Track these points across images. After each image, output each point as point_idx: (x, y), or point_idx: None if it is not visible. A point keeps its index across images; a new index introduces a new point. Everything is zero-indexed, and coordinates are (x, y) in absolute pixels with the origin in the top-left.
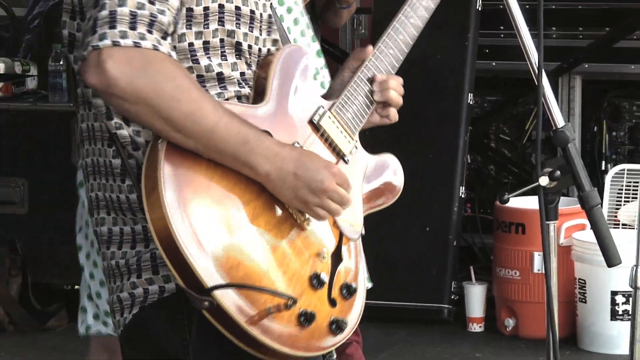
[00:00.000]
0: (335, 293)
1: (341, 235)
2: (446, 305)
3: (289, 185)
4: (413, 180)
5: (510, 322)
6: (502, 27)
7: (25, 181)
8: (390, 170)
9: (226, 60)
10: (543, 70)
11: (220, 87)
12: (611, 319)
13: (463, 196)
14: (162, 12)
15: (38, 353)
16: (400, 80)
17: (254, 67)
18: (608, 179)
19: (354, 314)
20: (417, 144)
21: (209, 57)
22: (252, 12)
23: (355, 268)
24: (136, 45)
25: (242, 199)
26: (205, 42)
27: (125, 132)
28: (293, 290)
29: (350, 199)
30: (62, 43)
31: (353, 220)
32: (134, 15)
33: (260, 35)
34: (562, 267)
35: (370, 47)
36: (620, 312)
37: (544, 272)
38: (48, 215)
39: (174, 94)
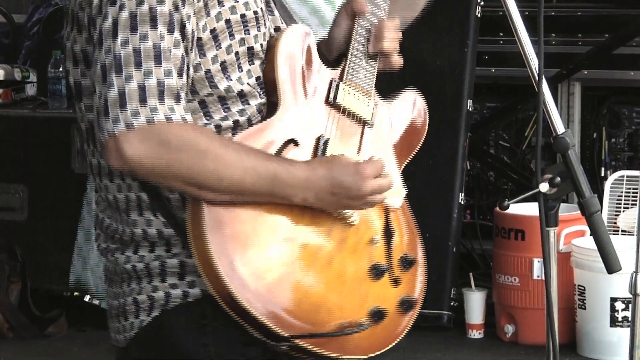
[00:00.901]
0: (396, 271)
1: (386, 209)
2: (446, 312)
3: (329, 202)
4: (412, 186)
5: (509, 329)
6: (501, 34)
7: (24, 187)
8: (409, 109)
9: (242, 70)
10: (543, 77)
11: (242, 104)
12: (611, 326)
13: (462, 203)
14: (169, 74)
15: (38, 359)
16: (394, 23)
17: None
18: (607, 185)
19: (418, 286)
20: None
21: (228, 77)
22: (255, 12)
23: (409, 233)
24: (149, 121)
25: (289, 226)
26: (222, 62)
27: None
28: (359, 295)
29: (391, 182)
30: (69, 92)
31: (392, 190)
32: (142, 89)
33: (265, 28)
34: (561, 274)
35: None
36: (619, 319)
37: (543, 278)
38: (48, 221)
39: (195, 161)
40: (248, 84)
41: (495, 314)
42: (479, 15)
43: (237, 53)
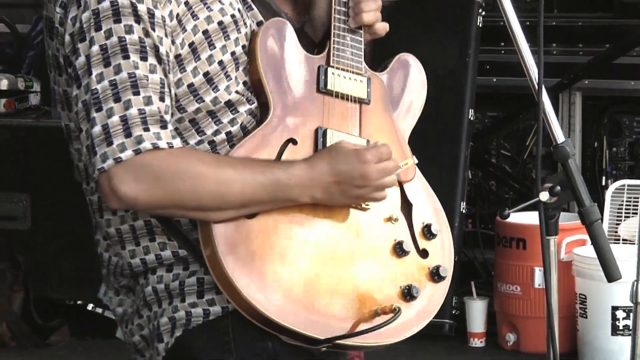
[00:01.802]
0: (422, 242)
1: (400, 182)
2: (447, 321)
3: (337, 193)
4: None
5: (511, 337)
6: (502, 44)
7: (27, 196)
8: (404, 73)
9: (231, 79)
10: (543, 86)
11: (232, 113)
12: (612, 334)
13: (464, 211)
14: (148, 101)
15: None
16: (372, 1)
17: None
18: (608, 194)
19: (447, 252)
20: (418, 159)
21: (215, 88)
22: (232, 16)
23: (428, 201)
24: (136, 153)
25: (303, 228)
26: (206, 74)
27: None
28: (388, 279)
29: (396, 162)
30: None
31: (402, 159)
32: (125, 121)
33: (247, 28)
34: (562, 282)
35: None
36: (621, 327)
37: (544, 287)
38: (50, 230)
39: (192, 187)
40: (237, 91)
41: (496, 323)
42: (480, 25)
43: (221, 62)
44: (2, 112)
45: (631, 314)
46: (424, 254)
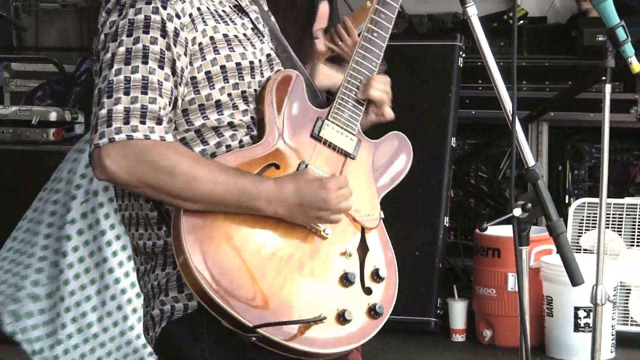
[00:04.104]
0: (368, 281)
1: (363, 227)
2: (433, 319)
3: (299, 214)
4: (405, 211)
5: (488, 333)
6: (480, 81)
7: None
8: (393, 147)
9: (238, 109)
10: (516, 118)
11: (232, 130)
12: (574, 331)
13: (447, 225)
14: (153, 101)
15: None
16: (384, 79)
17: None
18: (571, 210)
19: (388, 297)
20: (408, 180)
21: (220, 112)
22: (251, 62)
23: (384, 251)
24: (129, 138)
25: (263, 234)
26: (218, 101)
27: None
28: (327, 298)
29: (350, 190)
30: None
31: (370, 211)
32: (127, 111)
33: (263, 77)
34: (532, 286)
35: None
36: (582, 325)
37: (517, 290)
38: None
39: (168, 172)
40: (241, 120)
41: (475, 321)
42: (461, 65)
43: (230, 94)
44: (52, 140)
45: (591, 314)
46: (367, 291)
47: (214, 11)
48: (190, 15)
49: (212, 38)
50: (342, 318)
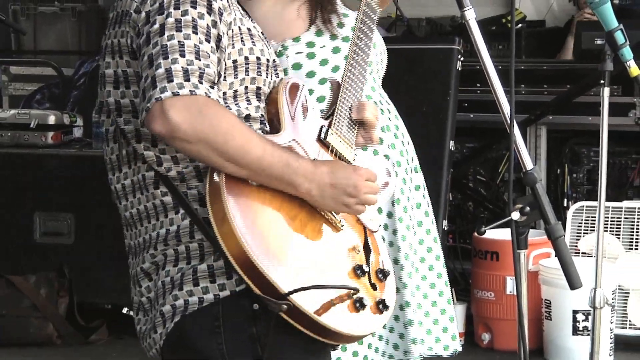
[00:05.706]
0: (374, 278)
1: (365, 229)
2: None
3: (329, 195)
4: None
5: (486, 337)
6: (478, 85)
7: (72, 215)
8: (381, 168)
9: (251, 104)
10: (514, 121)
11: (247, 122)
12: (573, 334)
13: (446, 228)
14: (207, 66)
15: None
16: (374, 106)
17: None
18: (570, 214)
19: (391, 294)
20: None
21: (237, 104)
22: (267, 60)
23: (382, 256)
24: (192, 93)
25: (290, 214)
26: (235, 91)
27: (174, 172)
28: (344, 283)
29: (378, 186)
30: (100, 109)
31: (372, 215)
32: (186, 70)
33: (273, 79)
34: (530, 289)
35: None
36: (580, 328)
37: (515, 293)
38: (91, 244)
39: (227, 132)
40: (255, 114)
41: (473, 324)
42: (460, 69)
43: (246, 87)
44: (50, 143)
45: (589, 317)
46: (373, 287)
47: (238, 6)
48: (228, 0)
49: (240, 28)
50: (359, 304)
